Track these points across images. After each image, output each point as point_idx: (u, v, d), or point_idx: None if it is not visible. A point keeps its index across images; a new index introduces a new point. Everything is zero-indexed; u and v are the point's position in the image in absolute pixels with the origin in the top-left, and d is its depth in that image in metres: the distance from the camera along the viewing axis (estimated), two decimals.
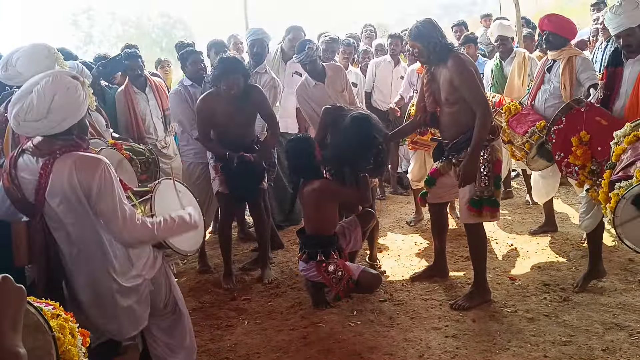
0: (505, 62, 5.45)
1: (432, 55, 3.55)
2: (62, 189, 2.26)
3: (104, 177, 2.28)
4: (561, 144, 3.54)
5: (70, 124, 2.31)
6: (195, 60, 4.69)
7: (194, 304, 4.00)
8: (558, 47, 4.19)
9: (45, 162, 2.27)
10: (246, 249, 5.18)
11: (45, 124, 2.24)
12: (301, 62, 4.68)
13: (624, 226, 2.45)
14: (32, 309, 1.74)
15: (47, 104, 2.21)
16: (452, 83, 3.47)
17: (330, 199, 3.74)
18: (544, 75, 4.34)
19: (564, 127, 3.53)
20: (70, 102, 2.28)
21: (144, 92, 4.96)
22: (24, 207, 2.34)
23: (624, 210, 2.41)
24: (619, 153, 2.75)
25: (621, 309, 3.37)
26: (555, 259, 4.29)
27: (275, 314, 3.74)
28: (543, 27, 4.32)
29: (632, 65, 3.45)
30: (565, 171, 3.58)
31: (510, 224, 5.24)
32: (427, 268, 4.23)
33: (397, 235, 5.23)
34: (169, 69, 7.21)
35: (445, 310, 3.58)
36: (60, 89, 2.25)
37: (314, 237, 3.76)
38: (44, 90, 2.22)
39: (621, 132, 2.83)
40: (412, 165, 5.48)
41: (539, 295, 3.68)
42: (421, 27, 3.55)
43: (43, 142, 2.30)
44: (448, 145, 3.71)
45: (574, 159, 3.43)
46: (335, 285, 3.62)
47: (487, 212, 3.54)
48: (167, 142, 5.08)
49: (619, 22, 3.41)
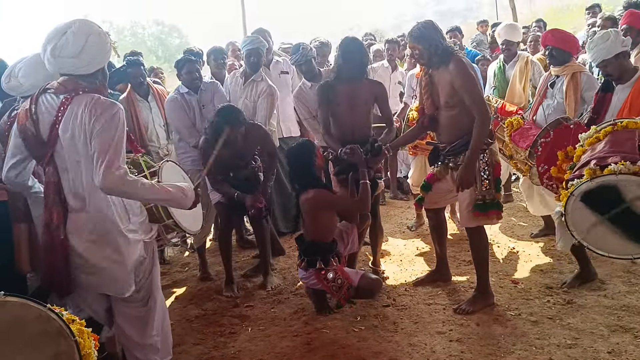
0: (508, 65, 5.47)
1: (433, 58, 3.53)
2: (74, 122, 2.38)
3: (112, 118, 2.39)
4: (546, 157, 3.57)
5: (97, 66, 2.48)
6: (189, 69, 4.66)
7: (197, 311, 3.99)
8: (562, 62, 4.20)
9: (65, 97, 2.41)
10: (247, 255, 5.17)
11: (76, 62, 2.41)
12: (296, 62, 4.71)
13: (575, 223, 2.55)
14: (53, 315, 1.77)
15: (82, 43, 2.39)
16: (453, 86, 3.46)
17: (327, 208, 3.71)
18: (547, 91, 4.35)
19: (551, 141, 3.57)
20: (100, 46, 2.47)
21: (147, 99, 4.96)
22: (36, 144, 2.44)
23: (573, 207, 2.52)
24: (580, 154, 2.84)
25: (625, 311, 3.37)
26: (557, 262, 4.29)
27: (279, 321, 3.72)
28: (546, 42, 4.32)
29: (620, 92, 3.58)
30: (547, 184, 3.61)
31: (512, 228, 5.24)
32: (429, 273, 4.22)
33: (399, 241, 5.23)
34: (162, 76, 7.22)
35: (449, 315, 3.58)
36: (93, 33, 2.44)
37: (313, 244, 3.73)
38: (79, 30, 2.40)
39: (585, 135, 2.92)
40: (413, 170, 5.49)
41: (542, 298, 3.67)
42: (423, 28, 3.53)
43: (69, 81, 2.45)
44: (445, 149, 3.70)
45: (558, 172, 3.45)
46: (336, 292, 3.61)
47: (494, 215, 3.56)
48: (169, 149, 5.08)
49: (594, 55, 3.62)
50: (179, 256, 5.36)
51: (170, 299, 4.26)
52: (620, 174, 2.39)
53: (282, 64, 5.62)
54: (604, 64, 3.58)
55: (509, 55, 5.47)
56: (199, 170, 4.55)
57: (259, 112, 4.77)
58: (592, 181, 2.47)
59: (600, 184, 2.45)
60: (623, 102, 3.52)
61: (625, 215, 2.43)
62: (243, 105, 4.84)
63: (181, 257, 5.33)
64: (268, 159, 4.38)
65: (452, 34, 7.72)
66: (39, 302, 1.85)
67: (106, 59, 2.57)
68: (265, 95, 4.79)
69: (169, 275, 4.83)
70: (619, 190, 2.41)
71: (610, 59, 3.54)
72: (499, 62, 5.60)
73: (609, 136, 2.79)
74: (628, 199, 2.42)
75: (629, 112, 3.45)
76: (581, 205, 2.51)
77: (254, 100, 4.84)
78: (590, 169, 2.52)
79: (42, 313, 1.82)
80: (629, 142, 2.65)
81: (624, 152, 2.54)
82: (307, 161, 3.73)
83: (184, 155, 4.76)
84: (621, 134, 2.77)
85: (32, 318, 1.81)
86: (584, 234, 2.55)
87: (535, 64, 5.40)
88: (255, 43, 4.86)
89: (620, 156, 2.50)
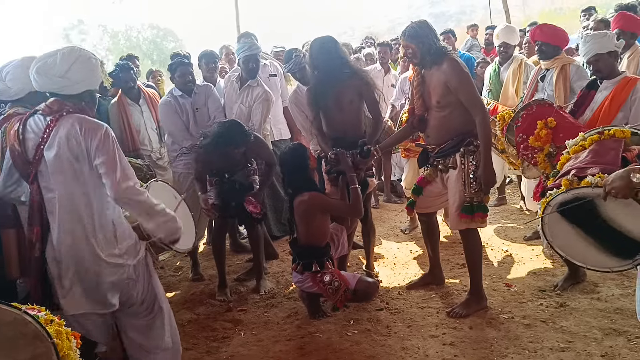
0: (502, 67, 5.49)
1: (426, 57, 3.51)
2: (59, 142, 2.43)
3: (105, 136, 2.48)
4: (525, 127, 3.61)
5: (83, 88, 2.55)
6: (183, 72, 4.64)
7: (189, 315, 3.96)
8: (551, 56, 4.23)
9: (51, 119, 2.48)
10: (241, 259, 5.15)
11: (62, 82, 2.49)
12: (290, 71, 4.67)
13: (552, 232, 2.54)
14: (28, 318, 1.77)
15: (69, 64, 2.48)
16: (447, 86, 3.44)
17: (320, 212, 3.69)
18: (537, 84, 4.37)
19: (533, 113, 3.61)
20: (88, 69, 2.55)
21: (138, 103, 4.93)
22: (22, 163, 2.51)
23: (550, 216, 2.52)
24: (564, 162, 2.84)
25: (619, 314, 3.37)
26: (551, 265, 4.29)
27: (272, 325, 3.71)
28: (535, 37, 4.34)
29: (603, 90, 3.62)
30: (523, 154, 3.64)
31: (505, 231, 5.24)
32: (423, 276, 4.21)
33: (392, 244, 5.22)
34: (160, 79, 7.20)
35: (442, 318, 3.57)
36: (82, 56, 2.54)
37: (307, 247, 3.72)
38: (68, 53, 2.51)
39: (572, 142, 2.93)
40: (406, 173, 5.48)
41: (535, 301, 3.67)
42: (417, 27, 3.51)
43: (55, 102, 2.51)
44: (434, 151, 3.69)
45: (535, 140, 3.52)
46: (332, 295, 3.59)
47: (478, 218, 3.54)
48: (161, 153, 5.06)
49: (587, 49, 3.63)
50: (172, 260, 5.33)
51: None
52: (596, 186, 2.37)
53: (270, 67, 5.60)
54: (596, 57, 3.59)
55: (505, 58, 5.48)
56: (190, 174, 4.55)
57: (254, 117, 4.75)
58: (567, 193, 2.46)
59: (576, 196, 2.43)
60: (604, 98, 3.57)
61: (601, 229, 2.40)
62: (238, 109, 4.82)
63: (174, 261, 5.30)
64: (266, 169, 4.34)
65: (445, 37, 7.76)
66: (13, 306, 1.86)
67: (94, 82, 2.63)
68: (261, 100, 4.76)
69: (162, 279, 4.79)
70: (594, 203, 2.38)
71: (604, 54, 3.57)
72: (494, 65, 5.62)
73: (593, 145, 2.78)
74: (604, 214, 2.39)
75: (609, 105, 3.51)
76: (557, 216, 2.50)
77: (249, 105, 4.81)
78: (568, 180, 2.51)
79: (17, 316, 1.83)
80: (612, 152, 2.63)
81: (604, 164, 2.52)
82: (300, 164, 3.72)
83: (177, 158, 4.75)
84: (606, 143, 2.75)
85: (7, 321, 1.82)
86: (561, 244, 2.54)
87: (529, 66, 5.41)
88: (252, 49, 4.81)
89: (600, 168, 2.48)
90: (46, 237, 2.51)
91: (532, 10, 32.60)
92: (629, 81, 3.54)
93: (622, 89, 3.52)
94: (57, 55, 2.49)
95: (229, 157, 3.94)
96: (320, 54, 3.89)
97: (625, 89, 3.51)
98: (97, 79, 2.65)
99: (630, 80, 3.55)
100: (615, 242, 2.37)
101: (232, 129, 3.95)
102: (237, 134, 3.93)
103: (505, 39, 5.46)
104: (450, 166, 3.60)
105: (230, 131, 3.92)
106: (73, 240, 2.49)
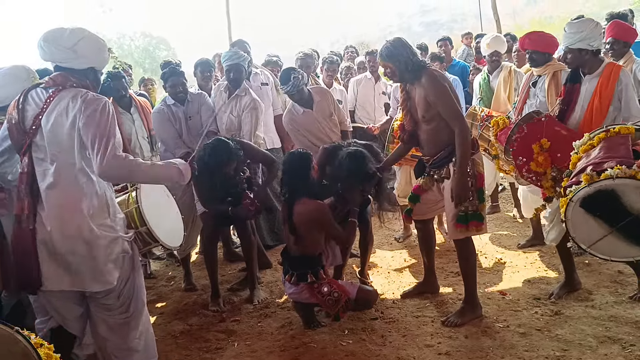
0: (492, 75, 5.53)
1: (405, 74, 3.55)
2: (58, 112, 2.45)
3: (101, 109, 2.46)
4: (522, 150, 3.61)
5: (89, 63, 2.59)
6: (174, 82, 4.65)
7: (182, 326, 3.92)
8: (542, 63, 4.25)
9: (53, 91, 2.51)
10: (234, 269, 5.11)
11: (69, 55, 2.52)
12: (289, 92, 4.64)
13: (576, 228, 2.61)
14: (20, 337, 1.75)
15: (78, 38, 2.52)
16: (427, 99, 3.47)
17: (321, 226, 3.67)
18: (529, 90, 4.38)
19: (526, 135, 3.60)
20: (95, 47, 2.60)
21: (129, 112, 4.91)
22: (17, 132, 2.50)
23: (573, 213, 2.58)
24: (575, 162, 2.90)
25: (613, 321, 3.36)
26: (545, 273, 4.29)
27: (266, 335, 3.67)
28: (525, 46, 4.37)
29: (588, 82, 3.63)
30: (527, 177, 3.64)
31: (499, 238, 5.24)
32: (417, 284, 4.20)
33: (386, 252, 5.20)
34: (152, 87, 7.18)
35: (437, 327, 3.55)
36: (90, 35, 2.60)
37: (301, 258, 3.69)
38: (77, 29, 2.56)
39: (579, 142, 2.98)
40: (398, 181, 5.47)
41: (530, 310, 3.66)
42: (391, 47, 3.55)
43: (59, 76, 2.55)
44: (429, 162, 3.71)
45: (536, 166, 3.53)
46: (333, 306, 3.57)
47: (473, 227, 3.53)
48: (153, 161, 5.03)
49: (562, 38, 3.69)
50: (165, 270, 5.29)
51: (155, 314, 4.19)
52: (617, 177, 2.45)
53: (262, 76, 5.60)
54: (566, 50, 3.64)
55: (495, 66, 5.53)
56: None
57: (244, 127, 4.73)
58: (590, 186, 2.53)
59: (598, 189, 2.51)
60: (592, 93, 3.57)
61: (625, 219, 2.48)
62: (228, 119, 4.81)
63: (167, 270, 5.26)
64: (267, 167, 4.34)
65: (442, 43, 7.84)
66: (5, 324, 1.84)
67: (100, 61, 2.67)
68: (249, 109, 4.74)
69: (154, 289, 4.76)
70: (617, 194, 2.47)
71: (574, 49, 3.59)
72: (483, 74, 5.67)
73: (602, 142, 2.84)
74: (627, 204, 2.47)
75: (599, 102, 3.52)
76: (581, 210, 2.57)
77: (238, 115, 4.79)
78: (588, 175, 2.57)
79: (8, 334, 1.81)
80: (622, 147, 2.70)
81: (619, 157, 2.59)
82: (303, 170, 3.72)
83: None
84: (615, 139, 2.82)
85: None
86: (585, 238, 2.60)
87: (519, 73, 5.45)
88: (234, 59, 4.78)
89: (616, 161, 2.55)
90: (36, 211, 2.47)
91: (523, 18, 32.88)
92: (612, 71, 3.53)
93: (607, 81, 3.52)
94: (67, 29, 2.53)
95: (222, 176, 3.89)
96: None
97: (610, 81, 3.51)
98: (102, 60, 2.68)
99: (612, 69, 3.54)
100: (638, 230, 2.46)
101: (220, 149, 3.82)
102: (225, 153, 3.82)
103: (496, 47, 5.55)
104: (444, 176, 3.61)
105: (217, 151, 3.81)
106: (64, 212, 2.46)
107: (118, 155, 2.43)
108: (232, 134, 4.63)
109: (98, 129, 2.42)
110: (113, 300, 2.65)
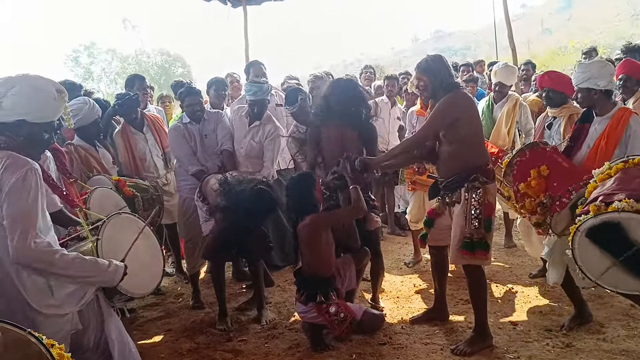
0: (497, 105, 5.49)
1: (437, 91, 3.57)
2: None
3: (24, 178, 2.16)
4: (521, 176, 3.61)
5: (18, 117, 2.28)
6: (191, 102, 4.72)
7: (189, 344, 3.91)
8: (559, 104, 4.26)
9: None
10: (242, 287, 5.10)
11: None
12: (294, 114, 4.68)
13: (583, 258, 2.63)
14: (33, 339, 1.76)
15: (7, 88, 2.25)
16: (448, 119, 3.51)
17: (324, 228, 3.69)
18: (543, 132, 4.38)
19: (527, 160, 3.62)
20: (32, 98, 2.29)
21: (142, 131, 4.98)
22: None
23: (579, 242, 2.62)
24: (591, 190, 2.92)
25: (625, 355, 3.31)
26: (556, 304, 4.24)
27: (272, 356, 3.64)
28: (543, 84, 4.38)
29: (598, 123, 3.64)
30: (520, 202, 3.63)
31: (510, 268, 5.20)
32: (426, 311, 4.16)
33: (396, 277, 5.17)
34: (169, 104, 7.28)
35: (446, 355, 3.50)
36: (28, 85, 2.30)
37: (311, 278, 3.70)
38: (13, 79, 2.29)
39: (598, 171, 3.00)
40: (411, 206, 5.46)
41: (541, 341, 3.61)
42: (431, 61, 3.60)
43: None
44: (442, 184, 3.71)
45: (526, 187, 3.53)
46: (338, 326, 3.55)
47: (480, 255, 3.49)
48: (168, 179, 5.10)
49: (573, 77, 3.75)
50: (174, 286, 5.29)
51: (162, 331, 4.18)
52: (623, 211, 2.48)
53: (277, 97, 5.65)
54: (577, 89, 3.68)
55: (499, 97, 5.49)
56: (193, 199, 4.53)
57: (267, 153, 4.75)
58: (596, 217, 2.57)
59: (604, 221, 2.54)
60: (600, 133, 3.57)
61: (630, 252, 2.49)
62: (248, 145, 4.81)
63: (175, 287, 5.26)
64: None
65: (465, 68, 7.88)
66: (18, 326, 1.81)
67: (36, 115, 2.33)
68: (273, 137, 4.77)
69: (162, 306, 4.76)
70: (622, 227, 2.49)
71: (582, 88, 3.62)
72: (487, 100, 5.61)
73: (619, 173, 2.85)
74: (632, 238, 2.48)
75: (605, 143, 3.52)
76: (587, 240, 2.60)
77: (260, 142, 4.79)
78: (596, 206, 2.61)
79: (21, 336, 1.79)
80: (637, 180, 2.71)
81: (630, 190, 2.62)
82: (307, 191, 3.76)
83: (183, 182, 4.81)
84: (631, 171, 2.83)
85: (11, 341, 1.78)
86: (591, 268, 2.61)
87: (524, 106, 5.40)
88: (259, 95, 4.72)
89: (626, 194, 2.57)
90: None
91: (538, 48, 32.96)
92: (623, 115, 3.53)
93: (616, 124, 3.52)
94: (1, 79, 2.29)
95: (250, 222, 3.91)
96: (339, 91, 4.04)
97: (619, 125, 3.51)
98: (40, 113, 2.34)
99: (623, 114, 3.54)
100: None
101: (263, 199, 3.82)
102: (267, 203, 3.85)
103: (501, 78, 5.46)
104: (455, 200, 3.60)
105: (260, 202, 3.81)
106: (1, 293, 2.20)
107: (38, 243, 2.12)
108: (251, 161, 4.73)
109: (18, 206, 2.12)
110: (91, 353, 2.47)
